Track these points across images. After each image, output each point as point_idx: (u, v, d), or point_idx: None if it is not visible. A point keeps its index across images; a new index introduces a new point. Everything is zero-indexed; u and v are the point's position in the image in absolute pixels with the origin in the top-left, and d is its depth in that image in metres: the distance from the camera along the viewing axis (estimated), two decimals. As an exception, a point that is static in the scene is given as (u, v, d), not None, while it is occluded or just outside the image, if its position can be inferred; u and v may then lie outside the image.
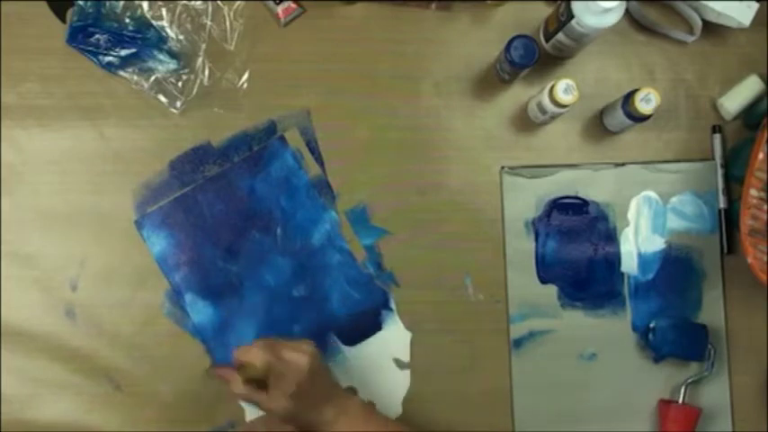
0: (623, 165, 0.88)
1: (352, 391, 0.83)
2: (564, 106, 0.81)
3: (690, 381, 0.85)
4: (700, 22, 0.88)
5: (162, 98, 0.84)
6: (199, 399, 0.83)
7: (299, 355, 0.70)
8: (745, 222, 0.81)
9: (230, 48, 0.86)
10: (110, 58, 0.84)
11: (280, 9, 0.85)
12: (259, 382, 0.70)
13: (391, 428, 0.75)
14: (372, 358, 0.77)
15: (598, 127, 0.89)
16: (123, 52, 0.83)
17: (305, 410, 0.71)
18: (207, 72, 0.85)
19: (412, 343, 0.85)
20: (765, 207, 0.81)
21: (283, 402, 0.69)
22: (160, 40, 0.84)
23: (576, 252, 0.87)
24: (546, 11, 0.88)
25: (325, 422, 0.71)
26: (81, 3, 0.83)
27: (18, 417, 0.82)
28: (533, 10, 0.89)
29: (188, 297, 0.83)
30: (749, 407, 0.87)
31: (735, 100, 0.88)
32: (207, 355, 0.83)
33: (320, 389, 0.71)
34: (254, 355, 0.69)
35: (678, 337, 0.84)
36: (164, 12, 0.84)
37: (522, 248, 0.86)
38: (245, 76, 0.86)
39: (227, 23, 0.86)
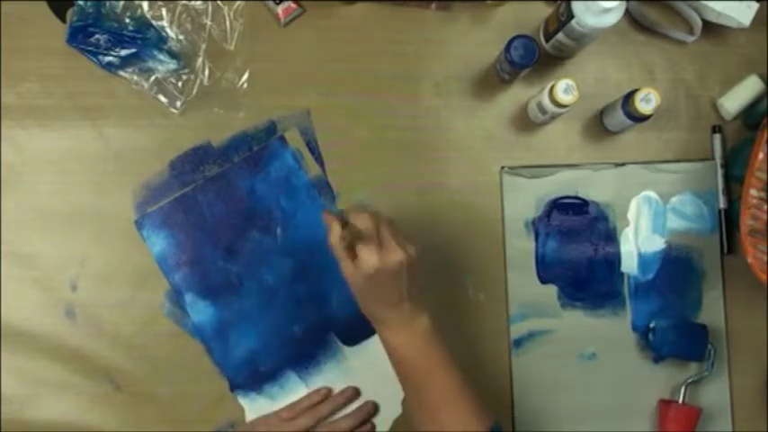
0: (623, 165, 0.88)
1: (353, 389, 0.84)
2: (564, 106, 0.81)
3: (690, 381, 0.85)
4: (700, 22, 0.88)
5: (162, 98, 0.84)
6: (199, 399, 0.83)
7: (396, 250, 0.67)
8: (745, 222, 0.81)
9: (230, 48, 0.86)
10: (110, 58, 0.84)
11: (280, 9, 0.85)
12: (352, 247, 0.67)
13: (444, 362, 0.71)
14: (372, 358, 0.77)
15: (598, 127, 0.89)
16: (123, 52, 0.83)
17: (373, 300, 0.69)
18: (207, 72, 0.85)
19: (412, 343, 0.85)
20: (765, 207, 0.81)
21: (358, 279, 0.67)
22: (160, 40, 0.84)
23: (576, 252, 0.87)
24: (546, 11, 0.88)
25: (387, 325, 0.70)
26: (81, 3, 0.83)
27: (18, 417, 0.82)
28: (533, 10, 0.89)
29: (188, 297, 0.83)
30: (749, 407, 0.87)
31: (735, 100, 0.88)
32: (207, 355, 0.83)
33: (396, 292, 0.69)
34: (362, 221, 0.67)
35: (678, 337, 0.84)
36: (164, 12, 0.84)
37: (522, 248, 0.86)
38: (245, 76, 0.86)
39: (227, 23, 0.86)
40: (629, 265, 0.87)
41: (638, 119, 0.82)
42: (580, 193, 0.87)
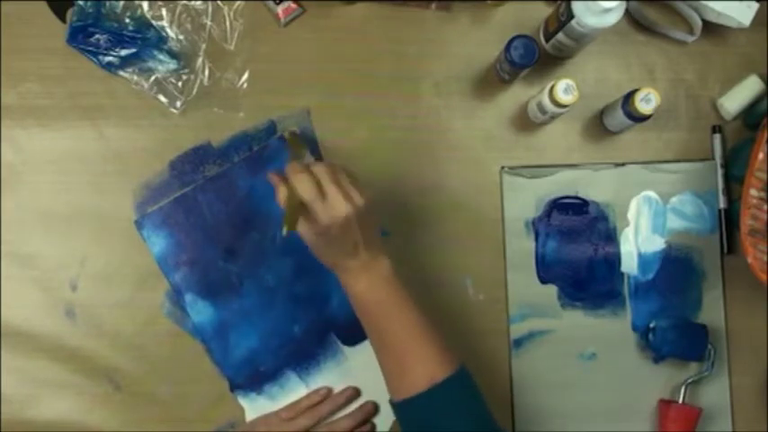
0: (623, 165, 0.88)
1: (353, 389, 0.84)
2: (564, 106, 0.81)
3: (690, 381, 0.85)
4: (700, 22, 0.88)
5: (162, 98, 0.84)
6: (199, 399, 0.83)
7: (341, 203, 0.67)
8: (745, 222, 0.81)
9: (230, 48, 0.86)
10: (110, 58, 0.84)
11: (280, 9, 0.85)
12: (302, 204, 0.67)
13: (406, 304, 0.71)
14: (372, 358, 0.76)
15: (598, 127, 0.89)
16: (123, 52, 0.83)
17: (331, 252, 0.70)
18: (207, 72, 0.85)
19: (412, 343, 0.85)
20: (765, 207, 0.81)
21: (310, 235, 0.68)
22: (160, 40, 0.84)
23: (576, 252, 0.87)
24: (546, 11, 0.88)
25: (347, 271, 0.70)
26: (81, 3, 0.83)
27: (18, 417, 0.82)
28: (533, 10, 0.89)
29: (188, 297, 0.83)
30: (749, 407, 0.87)
31: (735, 100, 0.88)
32: (207, 355, 0.83)
33: (350, 242, 0.69)
34: (300, 181, 0.67)
35: (678, 337, 0.84)
36: (164, 12, 0.84)
37: (522, 248, 0.86)
38: (245, 76, 0.86)
39: (227, 23, 0.86)
40: (629, 265, 0.87)
41: (638, 119, 0.82)
42: (580, 193, 0.87)
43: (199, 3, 0.85)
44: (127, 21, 0.84)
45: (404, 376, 0.69)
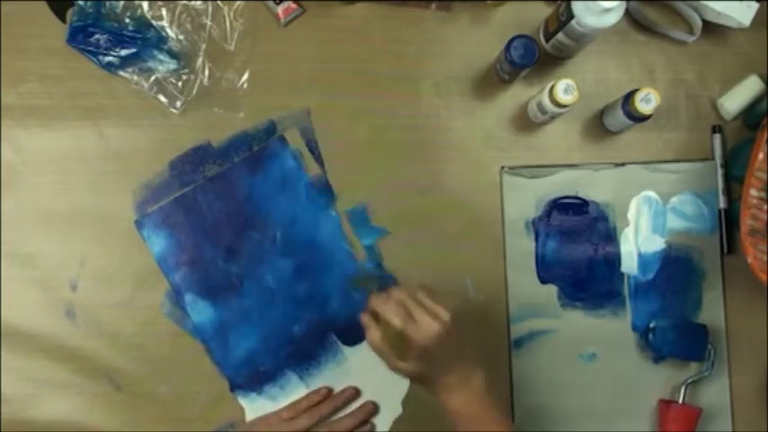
0: (623, 165, 0.88)
1: (353, 389, 0.84)
2: (564, 106, 0.81)
3: (690, 381, 0.85)
4: (700, 22, 0.88)
5: (162, 98, 0.85)
6: (199, 399, 0.83)
7: (430, 321, 0.69)
8: (745, 222, 0.81)
9: (230, 48, 0.86)
10: (110, 58, 0.84)
11: (280, 9, 0.85)
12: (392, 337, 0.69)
13: (499, 418, 0.72)
14: (372, 358, 0.76)
15: (598, 127, 0.89)
16: (123, 52, 0.83)
17: (433, 373, 0.71)
18: (207, 72, 0.85)
19: (412, 343, 0.85)
20: (765, 207, 0.81)
21: (412, 366, 0.70)
22: (160, 40, 0.84)
23: (576, 252, 0.87)
24: (546, 11, 0.88)
25: (446, 387, 0.71)
26: (81, 3, 0.83)
27: (18, 417, 0.82)
28: (533, 10, 0.89)
29: (188, 297, 0.83)
30: (749, 407, 0.87)
31: (735, 100, 0.88)
32: (207, 355, 0.83)
33: (447, 356, 0.70)
34: (390, 311, 0.69)
35: (678, 337, 0.84)
36: (164, 12, 0.84)
37: (522, 248, 0.86)
38: (245, 76, 0.86)
39: (227, 23, 0.86)
40: (629, 265, 0.87)
41: (638, 119, 0.82)
42: (580, 193, 0.87)
43: (199, 3, 0.85)
44: (127, 21, 0.84)
45: None
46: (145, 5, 0.84)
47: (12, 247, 0.83)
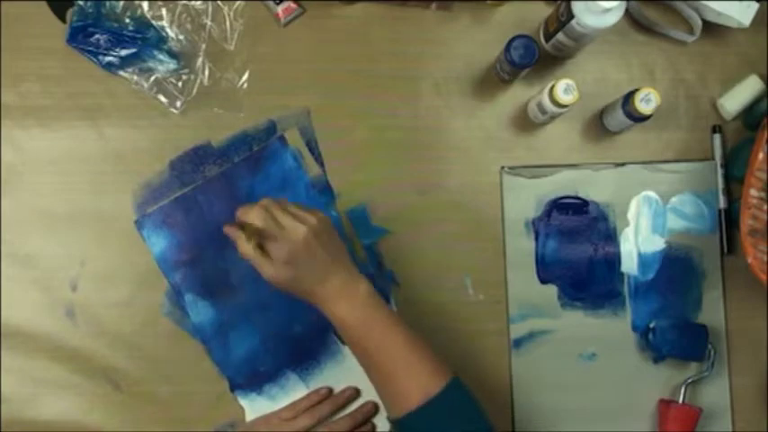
0: (623, 165, 0.88)
1: (353, 389, 0.84)
2: (564, 106, 0.81)
3: (690, 381, 0.85)
4: (700, 22, 0.88)
5: (162, 98, 0.85)
6: (199, 399, 0.83)
7: (295, 224, 0.68)
8: (745, 222, 0.81)
9: (230, 48, 0.86)
10: (110, 58, 0.84)
11: (280, 9, 0.85)
12: (262, 247, 0.68)
13: (391, 322, 0.71)
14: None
15: (598, 127, 0.89)
16: (123, 52, 0.83)
17: (302, 281, 0.69)
18: (207, 72, 0.85)
19: (412, 343, 0.85)
20: (765, 207, 0.81)
21: (279, 269, 0.68)
22: (160, 40, 0.84)
23: (576, 252, 0.87)
24: (546, 11, 0.88)
25: (325, 298, 0.70)
26: (81, 3, 0.83)
27: (18, 417, 0.82)
28: (533, 10, 0.89)
29: (188, 297, 0.83)
30: (749, 407, 0.87)
31: (735, 100, 0.88)
32: (207, 355, 0.83)
33: (319, 263, 0.69)
34: (254, 214, 0.68)
35: (678, 337, 0.84)
36: (164, 12, 0.84)
37: (522, 248, 0.86)
38: (245, 76, 0.86)
39: (227, 23, 0.86)
40: (629, 265, 0.87)
41: (638, 119, 0.82)
42: (580, 193, 0.87)
43: (199, 3, 0.85)
44: (127, 21, 0.84)
45: (398, 394, 0.69)
46: (145, 5, 0.84)
47: (12, 247, 0.83)
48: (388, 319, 0.71)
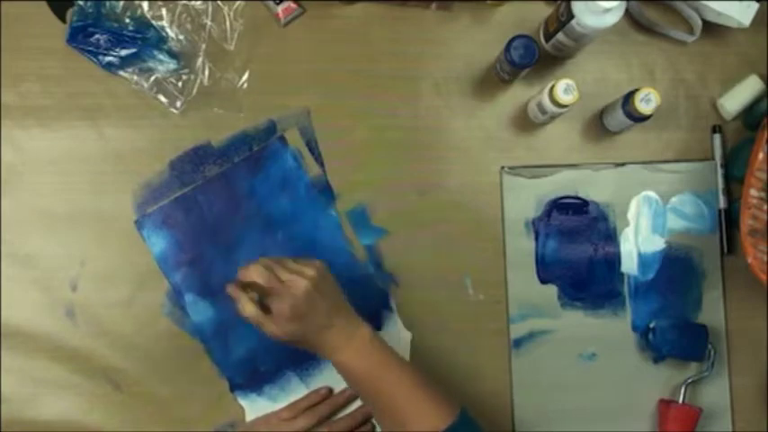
0: (623, 165, 0.88)
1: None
2: (564, 106, 0.81)
3: (690, 381, 0.85)
4: (700, 22, 0.88)
5: (162, 98, 0.85)
6: (199, 399, 0.83)
7: (296, 278, 0.68)
8: (745, 222, 0.81)
9: (230, 48, 0.86)
10: (110, 58, 0.84)
11: (280, 9, 0.85)
12: (264, 305, 0.69)
13: (395, 364, 0.72)
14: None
15: (598, 127, 0.89)
16: (123, 52, 0.83)
17: (305, 333, 0.70)
18: (207, 72, 0.85)
19: (412, 343, 0.85)
20: (765, 207, 0.81)
21: (282, 326, 0.69)
22: (160, 40, 0.84)
23: (576, 252, 0.87)
24: (546, 11, 0.88)
25: (330, 348, 0.71)
26: (81, 3, 0.83)
27: (18, 417, 0.82)
28: (533, 10, 0.89)
29: (188, 297, 0.83)
30: (749, 407, 0.87)
31: (735, 100, 0.88)
32: (207, 355, 0.83)
33: (322, 314, 0.70)
34: (255, 273, 0.68)
35: (678, 337, 0.84)
36: (164, 12, 0.84)
37: (522, 248, 0.86)
38: (245, 76, 0.86)
39: (227, 23, 0.86)
40: (629, 265, 0.87)
41: (638, 119, 0.82)
42: (580, 193, 0.87)
43: (199, 3, 0.85)
44: (127, 21, 0.84)
45: None
46: (145, 5, 0.84)
47: (12, 247, 0.83)
48: (391, 360, 0.72)
